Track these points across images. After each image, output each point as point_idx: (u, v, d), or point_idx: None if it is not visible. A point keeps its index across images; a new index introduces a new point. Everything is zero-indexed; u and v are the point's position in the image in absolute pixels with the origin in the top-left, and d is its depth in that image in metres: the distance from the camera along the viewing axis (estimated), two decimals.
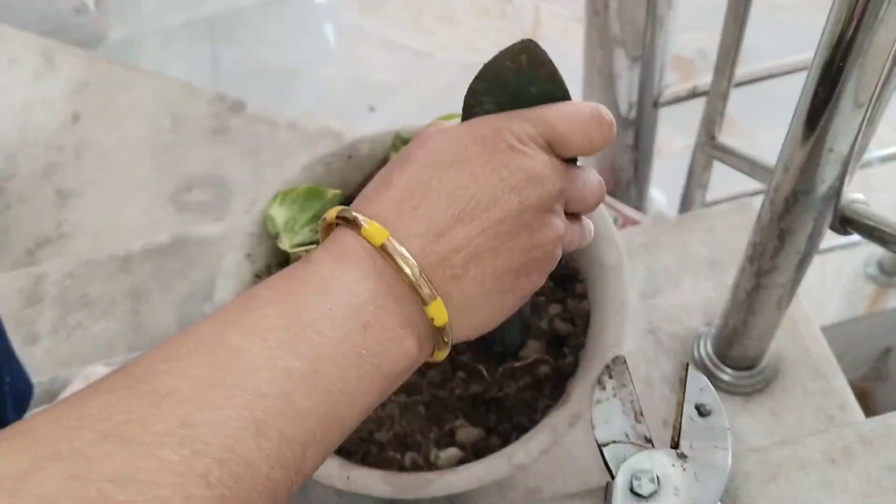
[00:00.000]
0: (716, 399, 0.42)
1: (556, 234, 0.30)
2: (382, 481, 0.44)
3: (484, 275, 0.29)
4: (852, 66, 0.36)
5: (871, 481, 0.44)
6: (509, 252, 0.29)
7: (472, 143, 0.29)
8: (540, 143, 0.30)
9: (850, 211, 0.45)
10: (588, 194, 0.33)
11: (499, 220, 0.29)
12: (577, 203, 0.32)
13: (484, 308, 0.30)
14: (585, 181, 0.32)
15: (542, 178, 0.30)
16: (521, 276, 0.30)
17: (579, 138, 0.31)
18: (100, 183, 1.17)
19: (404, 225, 0.28)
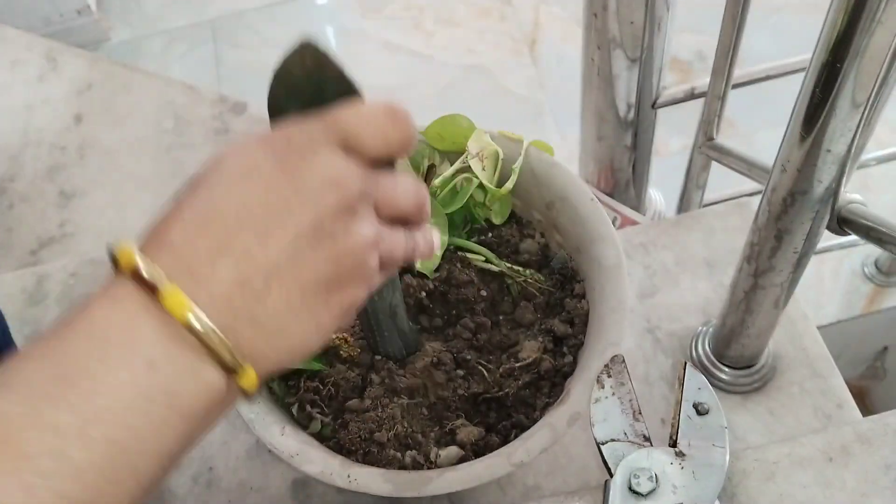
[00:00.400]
0: (714, 398, 0.42)
1: (364, 239, 0.29)
2: (383, 479, 0.44)
3: (290, 293, 0.27)
4: (850, 68, 0.36)
5: (868, 479, 0.44)
6: (313, 265, 0.27)
7: (262, 153, 0.28)
8: (334, 145, 0.29)
9: (847, 211, 0.45)
10: (400, 198, 0.31)
11: (297, 232, 0.27)
12: (388, 207, 0.31)
13: (297, 328, 0.28)
14: (396, 185, 0.31)
15: (338, 182, 0.28)
16: (334, 289, 0.28)
17: (374, 137, 0.29)
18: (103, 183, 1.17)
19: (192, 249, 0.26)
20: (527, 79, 1.57)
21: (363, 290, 0.30)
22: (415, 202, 0.32)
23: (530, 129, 1.29)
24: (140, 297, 0.25)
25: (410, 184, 0.32)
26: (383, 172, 0.31)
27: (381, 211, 0.31)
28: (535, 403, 0.50)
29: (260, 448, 0.60)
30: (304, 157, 0.28)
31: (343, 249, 0.28)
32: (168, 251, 0.26)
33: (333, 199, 0.28)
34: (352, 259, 0.28)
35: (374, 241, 0.30)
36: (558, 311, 0.53)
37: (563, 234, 0.55)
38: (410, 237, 0.33)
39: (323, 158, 0.28)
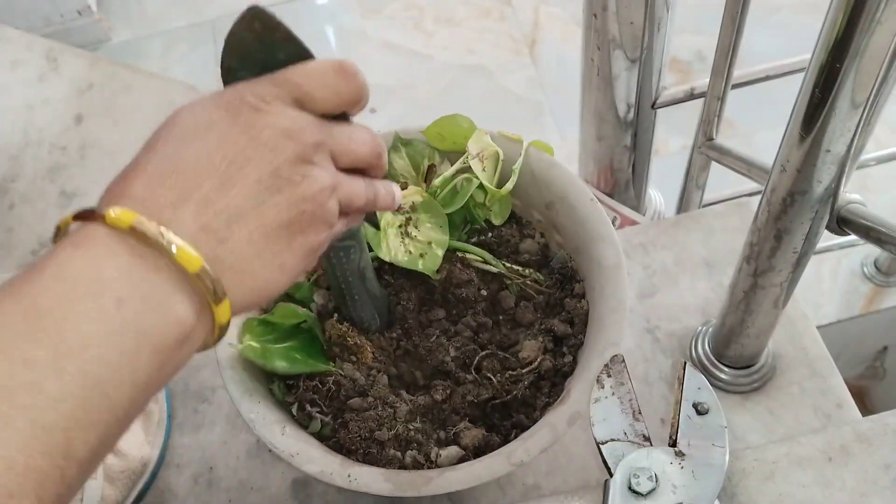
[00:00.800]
0: (713, 397, 0.42)
1: (321, 185, 0.30)
2: (383, 479, 0.44)
3: (251, 234, 0.29)
4: (849, 68, 0.36)
5: (868, 479, 0.44)
6: (274, 208, 0.29)
7: (216, 110, 0.29)
8: (286, 101, 0.30)
9: (846, 211, 0.46)
10: (356, 147, 0.33)
11: (256, 178, 0.29)
12: (345, 156, 0.32)
13: (261, 268, 0.29)
14: (351, 135, 0.33)
15: (293, 132, 0.30)
16: (296, 232, 0.30)
17: (326, 91, 0.31)
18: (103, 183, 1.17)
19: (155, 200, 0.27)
20: (527, 79, 1.57)
21: (324, 233, 0.32)
22: (371, 150, 0.34)
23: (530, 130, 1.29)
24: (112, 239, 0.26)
25: (365, 133, 0.34)
26: (338, 123, 0.32)
27: (339, 160, 0.32)
28: (535, 403, 0.50)
29: (260, 448, 0.60)
30: (259, 110, 0.29)
31: (301, 194, 0.30)
32: (131, 203, 0.27)
33: (290, 148, 0.29)
34: (311, 203, 0.30)
35: (332, 186, 0.31)
36: (558, 310, 0.53)
37: (562, 235, 0.55)
38: (370, 185, 0.35)
39: (276, 112, 0.30)
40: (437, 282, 0.53)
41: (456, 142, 0.55)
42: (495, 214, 0.56)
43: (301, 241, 0.30)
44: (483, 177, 0.54)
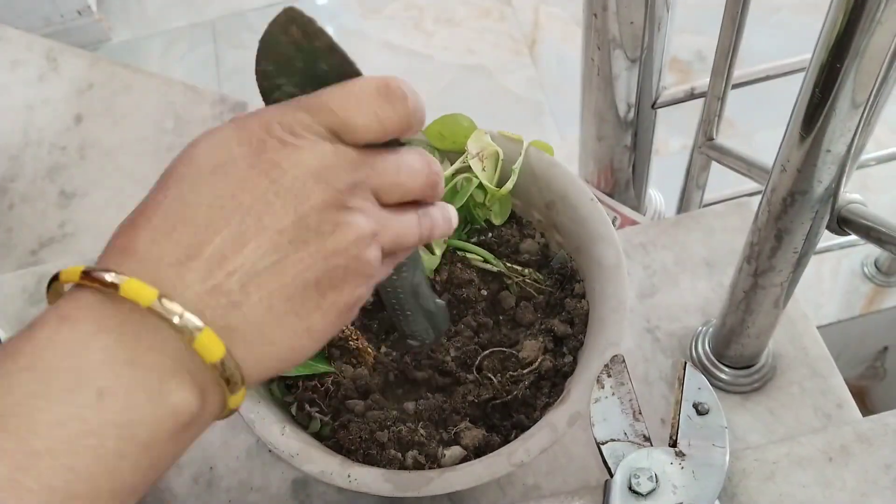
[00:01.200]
0: (714, 398, 0.42)
1: (357, 233, 0.26)
2: (383, 479, 0.44)
3: (271, 296, 0.24)
4: (849, 68, 0.36)
5: (868, 479, 0.44)
6: (299, 264, 0.25)
7: (237, 143, 0.25)
8: (319, 133, 0.26)
9: (847, 211, 0.46)
10: (405, 179, 0.28)
11: (277, 229, 0.24)
12: (392, 192, 0.27)
13: (283, 335, 0.25)
14: (399, 165, 0.28)
15: (324, 173, 0.25)
16: (327, 290, 0.25)
17: (366, 119, 0.26)
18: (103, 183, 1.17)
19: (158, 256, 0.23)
20: (527, 79, 1.57)
21: (363, 288, 0.27)
22: (424, 180, 0.28)
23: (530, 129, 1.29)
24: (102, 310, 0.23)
25: (417, 160, 0.28)
26: (383, 153, 0.27)
27: (385, 196, 0.27)
28: (536, 403, 0.50)
29: (260, 448, 0.60)
30: (285, 146, 0.25)
31: (332, 246, 0.25)
32: (131, 260, 0.24)
33: (318, 193, 0.25)
34: (344, 256, 0.26)
35: (372, 233, 0.26)
36: (558, 311, 0.53)
37: (563, 234, 0.55)
38: (426, 216, 0.30)
39: (306, 148, 0.25)
40: (438, 282, 0.53)
41: (456, 141, 0.55)
42: (495, 214, 0.56)
43: (333, 299, 0.26)
44: (483, 176, 0.54)
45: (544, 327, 0.52)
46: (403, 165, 0.28)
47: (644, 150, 0.76)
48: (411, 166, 0.28)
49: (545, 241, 0.57)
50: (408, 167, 0.28)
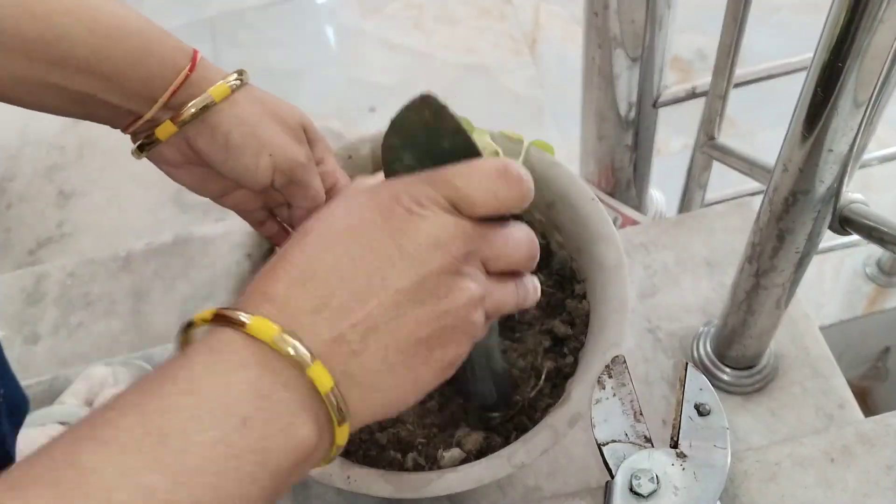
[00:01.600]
0: (715, 398, 0.42)
1: (468, 297, 0.29)
2: (383, 480, 0.44)
3: (387, 349, 0.27)
4: (851, 67, 0.36)
5: (870, 480, 0.44)
6: (414, 322, 0.28)
7: (369, 210, 0.28)
8: (442, 205, 0.29)
9: (849, 211, 0.45)
10: (511, 251, 0.31)
11: (398, 289, 0.27)
12: (498, 261, 0.31)
13: (393, 384, 0.28)
14: (507, 239, 0.31)
15: (444, 241, 0.28)
16: (435, 346, 0.28)
17: (485, 196, 0.29)
18: (101, 183, 1.17)
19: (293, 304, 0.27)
20: (527, 78, 1.57)
21: (467, 346, 0.30)
22: (527, 253, 0.32)
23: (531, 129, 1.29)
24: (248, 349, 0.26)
25: (522, 234, 0.32)
26: (496, 227, 0.31)
27: (492, 265, 0.31)
28: (536, 404, 0.50)
29: None
30: (411, 215, 0.28)
31: (446, 308, 0.28)
32: (271, 304, 0.27)
33: (437, 259, 0.28)
34: (454, 317, 0.29)
35: (480, 298, 0.30)
36: (559, 311, 0.53)
37: (563, 234, 0.55)
38: (522, 286, 0.33)
39: (429, 218, 0.28)
40: None
41: None
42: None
43: (440, 355, 0.29)
44: None
45: (545, 328, 0.52)
46: (511, 239, 0.31)
47: (645, 149, 0.76)
48: (517, 239, 0.31)
49: (546, 242, 0.57)
50: (514, 240, 0.31)
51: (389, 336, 0.27)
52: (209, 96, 0.39)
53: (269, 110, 0.41)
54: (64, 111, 0.39)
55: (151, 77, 0.38)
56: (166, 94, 0.38)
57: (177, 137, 0.41)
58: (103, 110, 0.39)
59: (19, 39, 0.35)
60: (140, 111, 0.39)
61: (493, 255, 0.30)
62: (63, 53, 0.36)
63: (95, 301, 0.77)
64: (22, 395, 0.57)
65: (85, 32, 0.36)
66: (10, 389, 0.54)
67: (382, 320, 0.27)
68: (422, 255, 0.28)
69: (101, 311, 0.77)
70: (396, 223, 0.28)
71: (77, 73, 0.37)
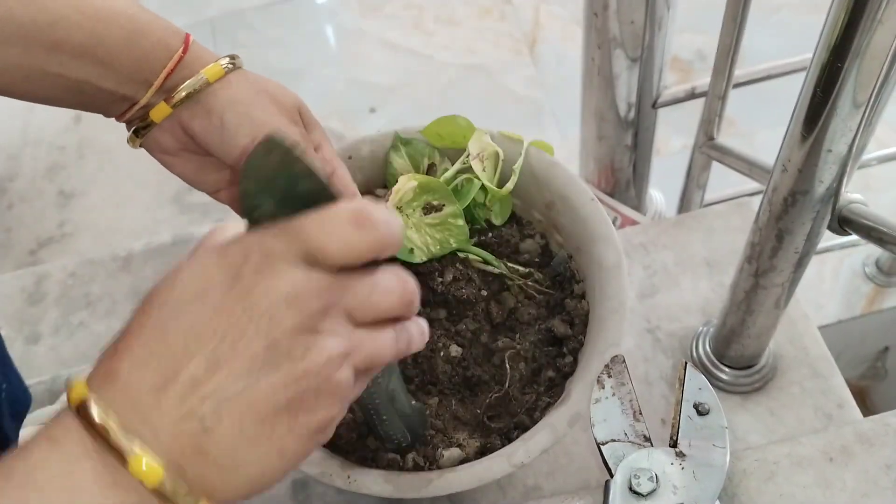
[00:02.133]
0: (714, 398, 0.42)
1: (328, 356, 0.27)
2: (383, 480, 0.44)
3: (243, 421, 0.25)
4: (850, 67, 0.36)
5: (869, 479, 0.44)
6: (270, 389, 0.26)
7: (217, 272, 0.27)
8: (292, 260, 0.27)
9: (848, 211, 0.45)
10: (379, 299, 0.29)
11: (249, 355, 0.26)
12: (366, 311, 0.28)
13: (254, 458, 0.26)
14: (374, 287, 0.29)
15: (295, 298, 0.26)
16: (299, 412, 0.26)
17: (337, 245, 0.27)
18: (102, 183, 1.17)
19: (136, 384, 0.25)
20: (527, 79, 1.57)
21: (336, 408, 0.28)
22: (398, 300, 0.29)
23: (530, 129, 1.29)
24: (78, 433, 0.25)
25: (392, 280, 0.29)
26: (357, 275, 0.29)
27: (360, 316, 0.29)
28: (536, 404, 0.50)
29: None
30: (261, 273, 0.26)
31: (303, 370, 0.26)
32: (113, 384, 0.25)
33: (289, 318, 0.26)
34: (315, 378, 0.27)
35: (343, 354, 0.28)
36: (558, 311, 0.53)
37: (563, 235, 0.55)
38: (403, 331, 0.31)
39: (280, 275, 0.26)
40: (441, 283, 0.53)
41: (455, 140, 0.55)
42: (496, 214, 0.56)
43: (305, 421, 0.27)
44: (483, 177, 0.54)
45: (544, 327, 0.52)
46: (378, 287, 0.29)
47: (645, 149, 0.76)
48: (385, 287, 0.29)
49: (545, 242, 0.57)
50: (382, 288, 0.29)
51: (244, 406, 0.25)
52: (202, 76, 0.39)
53: (264, 91, 0.41)
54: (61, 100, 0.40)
55: (145, 59, 0.38)
56: (161, 76, 0.39)
57: (172, 122, 0.40)
58: (99, 97, 0.39)
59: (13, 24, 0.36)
60: (135, 96, 0.39)
61: (359, 305, 0.28)
62: (58, 38, 0.36)
63: (96, 301, 0.77)
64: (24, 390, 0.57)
65: (77, 16, 0.37)
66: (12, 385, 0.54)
67: (234, 390, 0.25)
68: (272, 315, 0.26)
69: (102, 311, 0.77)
70: (244, 283, 0.26)
71: (73, 58, 0.37)
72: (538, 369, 0.51)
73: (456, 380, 0.51)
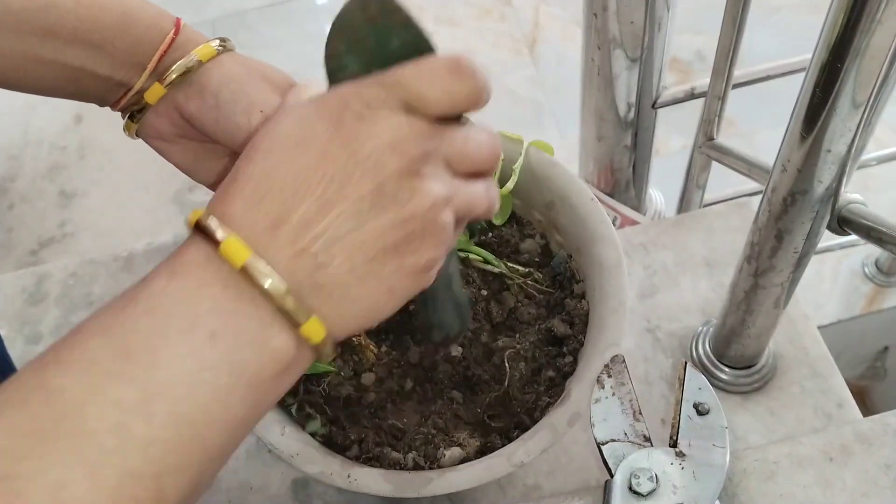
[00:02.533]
0: (714, 398, 0.42)
1: (432, 199, 0.28)
2: (383, 480, 0.44)
3: (354, 258, 0.27)
4: (850, 67, 0.36)
5: (868, 479, 0.44)
6: (379, 229, 0.27)
7: (318, 119, 0.27)
8: (394, 106, 0.28)
9: (847, 211, 0.46)
10: (473, 150, 0.30)
11: (357, 196, 0.27)
12: (462, 161, 0.30)
13: (365, 292, 0.27)
14: (467, 137, 0.30)
15: (399, 143, 0.27)
16: (405, 252, 0.28)
17: (438, 93, 0.28)
18: (103, 183, 1.17)
19: (254, 222, 0.26)
20: (527, 79, 1.57)
21: (440, 250, 0.29)
22: (489, 153, 0.30)
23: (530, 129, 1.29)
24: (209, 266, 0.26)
25: (483, 134, 0.30)
26: (453, 126, 0.29)
27: (455, 166, 0.30)
28: (536, 403, 0.50)
29: (260, 448, 0.60)
30: (362, 120, 0.27)
31: (409, 212, 0.27)
32: (228, 224, 0.26)
33: (394, 162, 0.27)
34: (421, 221, 0.28)
35: (446, 198, 0.28)
36: (558, 311, 0.53)
37: (563, 235, 0.55)
38: (490, 188, 0.32)
39: (382, 121, 0.27)
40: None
41: None
42: (495, 214, 0.56)
43: (412, 261, 0.28)
44: None
45: (544, 327, 0.52)
46: (471, 139, 0.30)
47: (644, 149, 0.76)
48: (477, 139, 0.30)
49: (545, 242, 0.57)
50: (475, 140, 0.30)
51: (355, 245, 0.27)
52: (194, 56, 0.39)
53: (255, 70, 0.41)
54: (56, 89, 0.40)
55: (138, 43, 0.38)
56: (154, 59, 0.39)
57: (167, 105, 0.40)
58: (94, 84, 0.40)
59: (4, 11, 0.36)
60: (130, 81, 0.39)
61: (455, 154, 0.29)
62: (50, 24, 0.36)
63: (97, 301, 0.77)
64: None
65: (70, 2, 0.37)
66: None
67: (345, 230, 0.26)
68: (377, 160, 0.27)
69: None
70: (348, 129, 0.27)
71: (67, 44, 0.37)
72: (538, 369, 0.51)
73: (456, 379, 0.51)
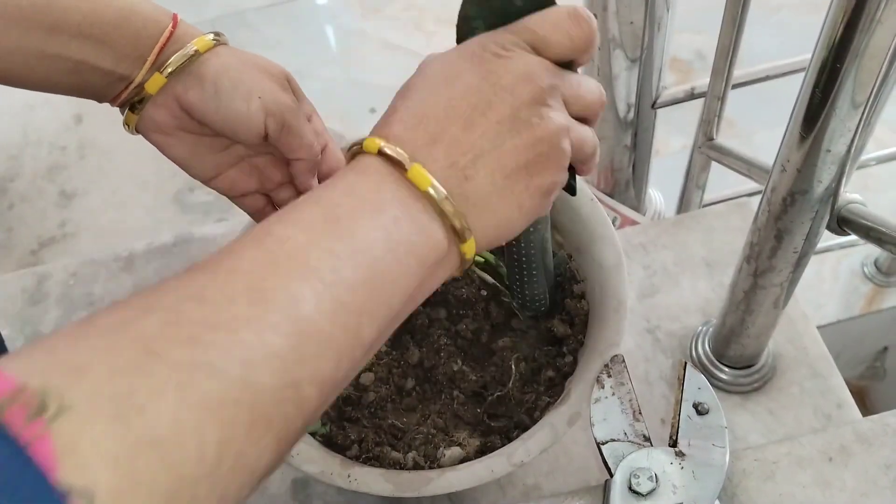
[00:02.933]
0: (714, 398, 0.42)
1: (557, 125, 0.32)
2: (383, 479, 0.44)
3: (493, 173, 0.31)
4: (849, 67, 0.36)
5: (868, 479, 0.44)
6: (514, 149, 0.31)
7: (461, 59, 0.32)
8: (524, 47, 0.33)
9: (847, 211, 0.46)
10: (585, 93, 0.34)
11: (497, 120, 0.31)
12: (575, 101, 0.34)
13: (502, 205, 0.32)
14: (580, 81, 0.34)
15: (531, 75, 0.32)
16: (534, 173, 0.32)
17: (559, 37, 0.33)
18: (103, 183, 1.17)
19: (413, 141, 0.31)
20: None
21: (559, 175, 0.33)
22: (598, 98, 0.35)
23: None
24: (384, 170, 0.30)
25: (593, 82, 0.35)
26: (568, 70, 0.34)
27: (570, 105, 0.34)
28: (536, 403, 0.50)
29: None
30: (499, 58, 0.32)
31: (538, 135, 0.32)
32: (394, 142, 0.31)
33: (527, 92, 0.32)
34: (547, 144, 0.32)
35: (566, 128, 0.33)
36: (558, 311, 0.53)
37: (563, 234, 0.55)
38: (595, 134, 0.35)
39: (516, 58, 0.32)
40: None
41: None
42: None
43: (538, 182, 0.32)
44: None
45: (544, 327, 0.52)
46: (583, 84, 0.34)
47: (644, 150, 0.76)
48: (589, 85, 0.35)
49: None
50: (587, 85, 0.34)
51: (495, 162, 0.31)
52: (193, 46, 0.41)
53: (251, 62, 0.44)
54: (58, 85, 0.41)
55: (138, 37, 0.40)
56: (154, 51, 0.41)
57: (167, 96, 0.42)
58: (96, 78, 0.41)
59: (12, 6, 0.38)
60: (131, 74, 0.41)
61: (572, 93, 0.33)
62: (55, 19, 0.39)
63: (97, 301, 0.77)
64: None
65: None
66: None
67: (487, 148, 0.31)
68: (514, 88, 0.31)
69: None
70: (487, 66, 0.32)
71: (71, 38, 0.39)
72: (538, 369, 0.51)
73: (456, 379, 0.51)
